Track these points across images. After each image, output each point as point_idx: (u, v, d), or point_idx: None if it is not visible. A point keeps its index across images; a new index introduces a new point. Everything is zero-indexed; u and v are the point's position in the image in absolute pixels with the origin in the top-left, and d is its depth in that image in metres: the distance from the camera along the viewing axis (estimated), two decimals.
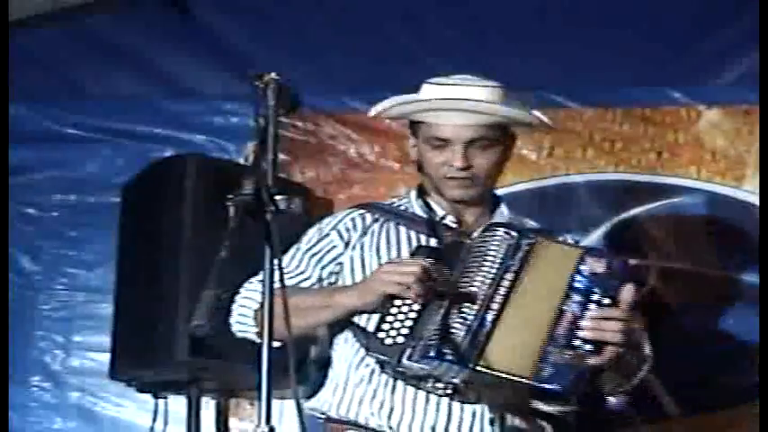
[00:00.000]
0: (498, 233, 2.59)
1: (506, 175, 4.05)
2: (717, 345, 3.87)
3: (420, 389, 2.59)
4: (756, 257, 3.84)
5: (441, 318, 2.49)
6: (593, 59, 4.07)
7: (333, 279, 2.77)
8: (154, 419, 3.66)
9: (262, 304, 2.21)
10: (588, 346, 2.51)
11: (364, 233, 2.76)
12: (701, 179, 4.01)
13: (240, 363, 3.03)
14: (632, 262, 2.69)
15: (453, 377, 2.53)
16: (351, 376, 2.66)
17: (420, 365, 2.49)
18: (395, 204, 2.86)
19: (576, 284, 2.54)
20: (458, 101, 2.69)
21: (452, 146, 2.72)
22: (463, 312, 2.50)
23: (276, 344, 2.69)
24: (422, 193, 2.84)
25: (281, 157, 3.23)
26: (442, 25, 4.19)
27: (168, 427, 3.67)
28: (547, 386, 2.49)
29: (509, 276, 2.54)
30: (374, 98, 2.98)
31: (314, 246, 2.78)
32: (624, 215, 4.02)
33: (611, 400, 2.60)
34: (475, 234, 2.68)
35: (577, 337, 2.51)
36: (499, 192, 2.95)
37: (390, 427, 2.59)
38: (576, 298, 2.53)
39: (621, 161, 4.07)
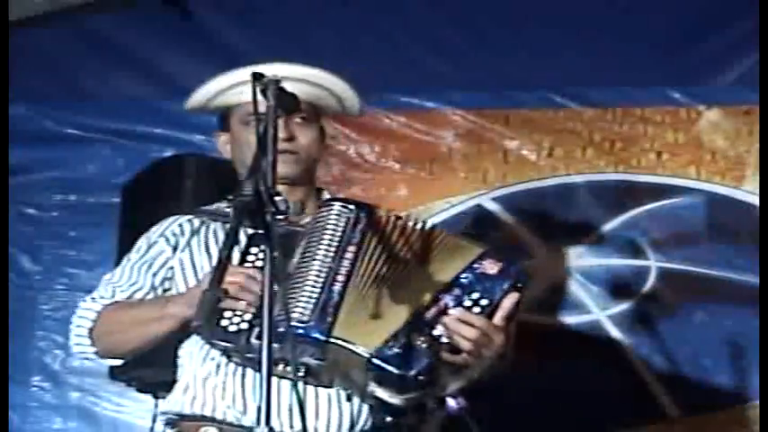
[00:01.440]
0: (335, 207, 2.53)
1: (506, 175, 4.12)
2: (717, 345, 3.86)
3: (276, 375, 2.42)
4: (756, 258, 3.84)
5: (284, 297, 2.38)
6: (593, 59, 4.07)
7: (167, 285, 2.70)
8: (154, 420, 3.65)
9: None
10: (445, 340, 2.44)
11: (192, 236, 2.70)
12: (700, 179, 4.01)
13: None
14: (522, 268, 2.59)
15: (303, 356, 2.42)
16: (198, 372, 2.59)
17: (281, 346, 2.30)
18: (219, 207, 2.78)
19: (462, 279, 2.48)
20: (270, 69, 2.59)
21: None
22: (307, 288, 2.43)
23: (116, 361, 2.70)
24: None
25: None
26: (443, 25, 4.19)
27: None
28: (386, 365, 2.39)
29: (351, 249, 2.47)
30: (374, 98, 2.98)
31: (143, 255, 2.73)
32: (624, 215, 4.02)
33: (451, 402, 2.51)
34: (304, 221, 2.60)
35: (437, 329, 2.44)
36: (499, 192, 2.95)
37: (248, 417, 2.50)
38: (456, 291, 2.47)
39: (621, 161, 4.07)
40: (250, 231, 2.53)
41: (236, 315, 2.45)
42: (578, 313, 3.95)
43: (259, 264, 2.47)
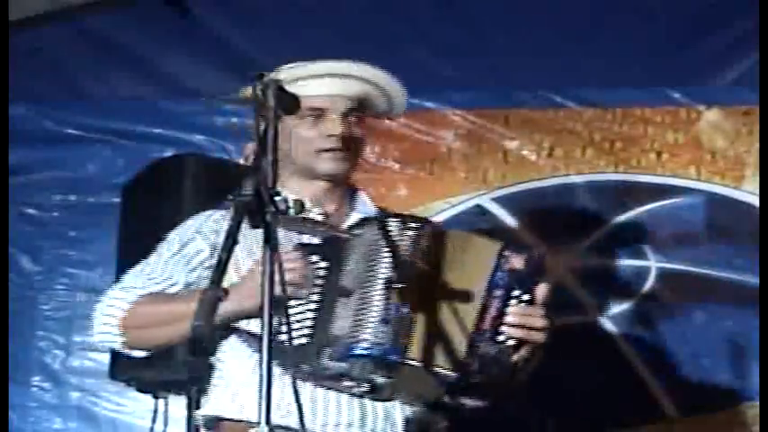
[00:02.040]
0: (391, 224, 2.50)
1: (506, 175, 4.12)
2: (717, 345, 3.87)
3: (333, 389, 2.51)
4: (756, 258, 3.84)
5: (352, 314, 2.42)
6: (594, 59, 4.07)
7: (202, 284, 2.62)
8: (154, 419, 3.66)
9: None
10: (511, 342, 2.48)
11: (236, 233, 2.66)
12: (700, 179, 4.01)
13: None
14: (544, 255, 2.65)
15: (373, 374, 2.44)
16: (250, 381, 2.49)
17: (343, 364, 2.42)
18: None
19: (497, 279, 2.50)
20: (337, 65, 2.69)
21: (329, 116, 2.65)
22: (375, 307, 2.42)
23: (141, 353, 2.67)
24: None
25: None
26: (442, 26, 4.19)
27: (168, 427, 3.67)
28: (475, 380, 2.45)
29: (422, 269, 2.46)
30: None
31: (179, 251, 2.68)
32: (624, 215, 4.02)
33: (467, 400, 2.57)
34: (344, 225, 2.61)
35: (501, 332, 2.47)
36: (499, 192, 2.95)
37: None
38: (498, 293, 2.49)
39: (621, 161, 4.07)
40: (285, 240, 2.52)
41: (294, 322, 2.42)
42: (578, 313, 3.95)
43: (320, 272, 2.47)
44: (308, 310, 2.46)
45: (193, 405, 3.56)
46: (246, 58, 4.18)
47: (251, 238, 2.59)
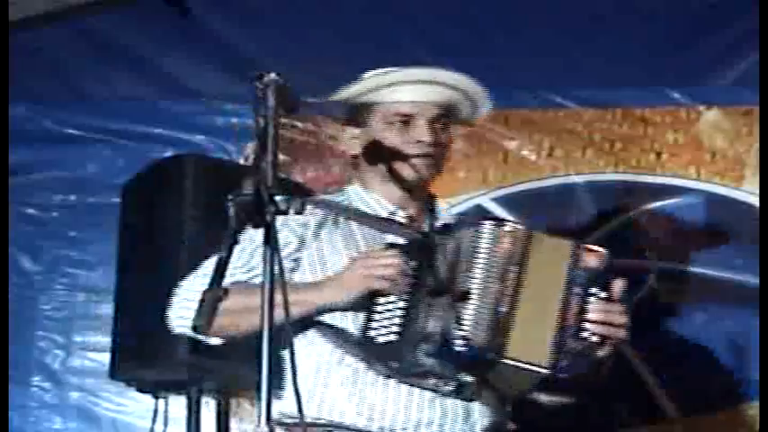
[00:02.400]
0: (487, 227, 2.56)
1: (506, 175, 4.12)
2: (717, 345, 3.87)
3: (419, 387, 2.55)
4: (756, 258, 3.84)
5: (446, 313, 2.48)
6: (594, 59, 4.07)
7: (286, 276, 2.61)
8: (154, 420, 3.66)
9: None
10: (596, 338, 2.53)
11: (318, 229, 2.68)
12: (700, 179, 4.01)
13: (240, 363, 3.03)
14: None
15: (462, 372, 2.51)
16: (331, 377, 2.57)
17: (435, 361, 2.47)
18: (336, 199, 2.78)
19: (575, 278, 2.56)
20: (425, 72, 2.70)
21: (416, 122, 2.68)
22: (470, 307, 2.48)
23: (217, 341, 2.66)
24: (360, 189, 2.78)
25: (281, 157, 3.22)
26: (442, 26, 4.19)
27: (168, 427, 3.67)
28: (564, 375, 2.50)
29: (514, 269, 2.53)
30: None
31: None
32: (624, 215, 4.03)
33: (543, 396, 2.62)
34: (425, 227, 2.67)
35: (586, 329, 2.53)
36: (499, 192, 2.95)
37: (381, 428, 2.54)
38: (577, 290, 2.55)
39: (621, 161, 4.07)
40: (399, 241, 2.60)
41: (384, 318, 2.48)
42: None
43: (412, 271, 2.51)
44: (399, 307, 2.50)
45: (193, 405, 3.56)
46: (246, 58, 4.18)
47: (336, 234, 2.64)
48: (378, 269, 2.48)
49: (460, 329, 2.46)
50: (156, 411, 3.67)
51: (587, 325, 2.53)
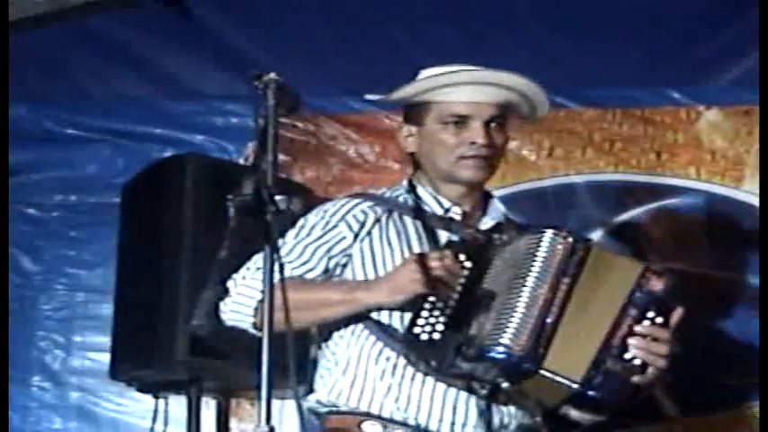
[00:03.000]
0: (547, 235, 2.56)
1: (506, 175, 4.11)
2: (717, 345, 3.86)
3: (455, 387, 2.56)
4: (756, 257, 3.84)
5: (493, 317, 2.48)
6: (593, 59, 4.07)
7: (338, 271, 2.69)
8: (154, 419, 3.66)
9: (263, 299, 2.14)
10: (637, 362, 2.53)
11: (373, 225, 2.69)
12: (700, 179, 4.01)
13: (240, 363, 3.03)
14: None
15: (499, 378, 2.51)
16: (370, 369, 2.59)
17: (473, 365, 2.48)
18: (391, 195, 2.79)
19: (636, 299, 2.55)
20: (481, 73, 2.71)
21: (471, 123, 2.69)
22: (516, 314, 2.48)
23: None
24: (415, 185, 2.80)
25: (281, 157, 3.22)
26: (442, 25, 4.18)
27: (168, 427, 3.67)
28: (594, 393, 2.50)
29: (566, 280, 2.52)
30: None
31: (321, 236, 2.67)
32: (624, 215, 4.02)
33: (574, 412, 2.61)
34: (480, 227, 2.68)
35: (628, 351, 2.53)
36: (499, 192, 2.95)
37: (417, 421, 2.55)
38: (633, 312, 2.54)
39: (621, 161, 4.07)
40: (452, 239, 2.62)
41: (431, 317, 2.49)
42: None
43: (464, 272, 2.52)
44: (447, 307, 2.50)
45: (193, 405, 3.56)
46: (246, 58, 4.18)
47: (389, 230, 2.66)
48: (429, 271, 2.48)
49: (502, 336, 2.46)
50: (156, 411, 3.67)
51: (632, 348, 2.53)
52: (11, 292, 4.18)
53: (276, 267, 2.15)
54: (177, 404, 3.66)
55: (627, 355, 2.53)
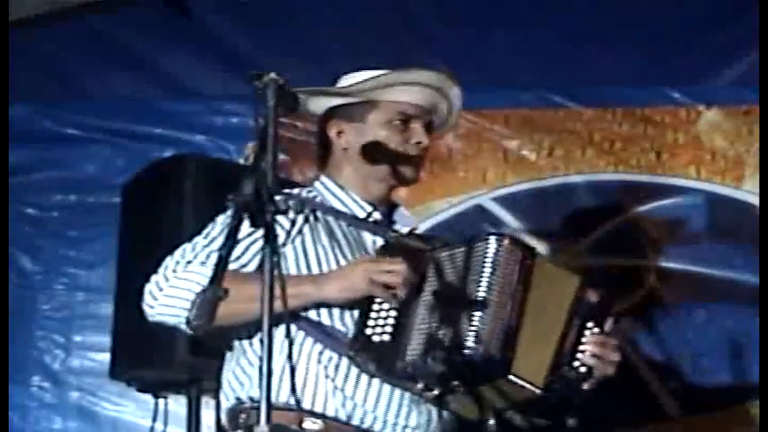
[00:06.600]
0: (492, 241, 2.53)
1: (506, 175, 4.12)
2: (717, 345, 3.87)
3: (402, 388, 2.54)
4: (756, 258, 3.84)
5: (449, 322, 2.46)
6: (593, 60, 4.07)
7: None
8: (154, 419, 3.66)
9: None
10: (584, 369, 2.56)
11: (304, 224, 2.64)
12: (700, 179, 4.02)
13: None
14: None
15: (450, 381, 2.48)
16: (311, 368, 2.54)
17: (444, 367, 2.45)
18: (307, 196, 2.73)
19: (577, 310, 2.58)
20: (427, 75, 2.69)
21: (413, 123, 2.70)
22: (478, 319, 2.46)
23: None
24: (328, 187, 2.76)
25: (281, 157, 3.22)
26: (442, 26, 4.19)
27: (168, 427, 3.66)
28: (550, 399, 2.52)
29: (520, 287, 2.52)
30: None
31: (252, 233, 2.54)
32: (624, 215, 4.03)
33: (570, 421, 2.63)
34: (404, 230, 2.68)
35: (578, 359, 2.56)
36: (499, 192, 2.95)
37: (362, 422, 2.54)
38: (576, 322, 2.58)
39: (621, 161, 4.08)
40: (352, 239, 2.60)
41: (380, 318, 2.49)
42: None
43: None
44: (395, 309, 2.50)
45: (193, 405, 3.56)
46: (246, 57, 4.18)
47: (318, 229, 2.62)
48: (382, 276, 2.47)
49: (477, 338, 2.44)
50: (156, 411, 3.67)
51: (579, 355, 2.56)
52: (10, 292, 4.18)
53: (274, 267, 2.14)
54: (177, 404, 3.66)
55: (576, 363, 2.56)
